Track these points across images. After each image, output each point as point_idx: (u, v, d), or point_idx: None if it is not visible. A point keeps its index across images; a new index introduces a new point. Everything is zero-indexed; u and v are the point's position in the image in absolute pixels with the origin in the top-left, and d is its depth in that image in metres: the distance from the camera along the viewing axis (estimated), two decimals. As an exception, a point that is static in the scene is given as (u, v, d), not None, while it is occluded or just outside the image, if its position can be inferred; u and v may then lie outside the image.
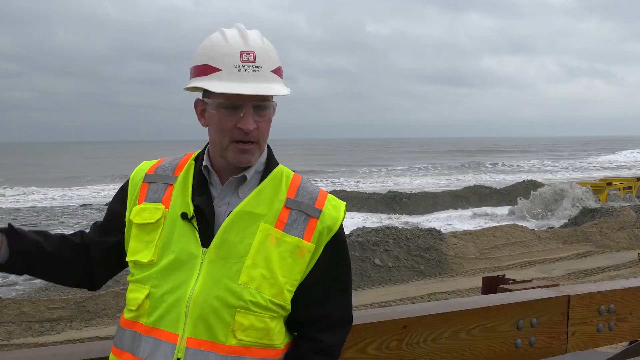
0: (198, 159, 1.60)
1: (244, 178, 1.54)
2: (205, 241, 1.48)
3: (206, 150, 1.61)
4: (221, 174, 1.56)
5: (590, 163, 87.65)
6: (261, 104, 1.50)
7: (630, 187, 34.43)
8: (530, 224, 25.52)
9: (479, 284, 2.92)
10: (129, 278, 1.56)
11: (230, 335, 1.46)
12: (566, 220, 25.76)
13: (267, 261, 1.48)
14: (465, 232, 20.52)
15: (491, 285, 2.73)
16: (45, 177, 59.29)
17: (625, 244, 19.98)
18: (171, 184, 1.56)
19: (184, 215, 1.49)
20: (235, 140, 1.50)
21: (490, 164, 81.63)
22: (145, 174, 1.60)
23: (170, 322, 1.46)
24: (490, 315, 2.14)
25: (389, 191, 41.45)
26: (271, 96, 1.53)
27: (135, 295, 1.51)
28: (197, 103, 1.58)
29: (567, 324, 2.29)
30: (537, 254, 18.77)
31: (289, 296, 1.51)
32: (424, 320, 2.01)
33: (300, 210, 1.53)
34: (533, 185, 39.52)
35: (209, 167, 1.57)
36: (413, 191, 43.25)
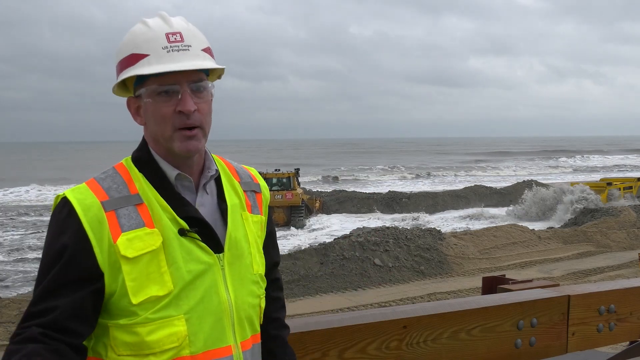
0: (141, 166, 1.44)
1: (213, 175, 1.49)
2: (213, 247, 1.43)
3: (148, 152, 1.46)
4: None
5: (590, 163, 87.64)
6: (198, 84, 1.42)
7: (631, 187, 34.44)
8: (530, 224, 25.50)
9: (479, 284, 2.91)
10: (138, 319, 1.34)
11: (258, 321, 1.54)
12: (566, 220, 25.76)
13: (257, 245, 1.55)
14: (465, 232, 20.50)
15: (491, 285, 2.72)
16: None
17: (625, 244, 19.96)
18: (139, 204, 1.38)
19: (181, 232, 1.38)
20: (178, 127, 1.40)
21: (488, 166, 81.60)
22: (101, 202, 1.35)
23: (219, 338, 1.41)
24: (490, 315, 2.13)
25: (389, 191, 41.47)
26: (207, 76, 1.46)
27: (169, 331, 1.34)
28: (130, 101, 1.47)
29: (567, 324, 2.29)
30: (537, 254, 18.75)
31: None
32: (424, 320, 2.01)
33: (251, 190, 1.60)
34: (533, 185, 39.54)
35: (178, 172, 1.43)
36: (413, 191, 43.26)
